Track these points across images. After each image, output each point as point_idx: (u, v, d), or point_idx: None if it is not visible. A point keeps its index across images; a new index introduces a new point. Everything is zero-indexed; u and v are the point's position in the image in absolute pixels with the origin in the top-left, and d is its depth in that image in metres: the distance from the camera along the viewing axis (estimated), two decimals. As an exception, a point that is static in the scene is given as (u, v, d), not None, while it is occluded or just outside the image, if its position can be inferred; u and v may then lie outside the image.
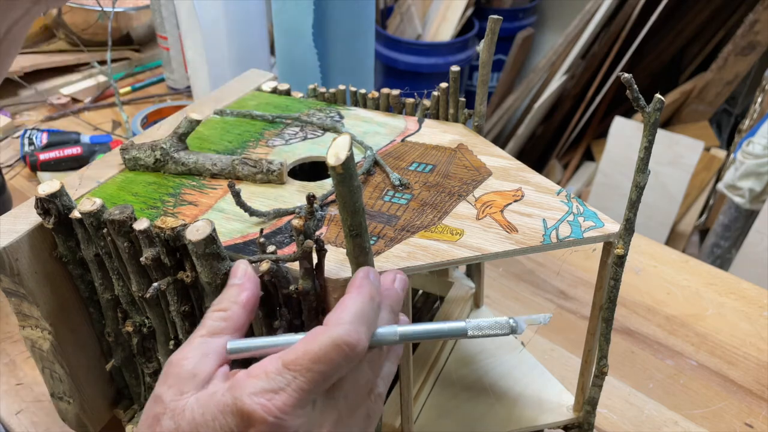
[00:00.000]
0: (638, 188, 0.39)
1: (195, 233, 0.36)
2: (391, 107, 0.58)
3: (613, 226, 0.41)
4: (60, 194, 0.41)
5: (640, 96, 0.35)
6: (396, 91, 0.57)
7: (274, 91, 0.62)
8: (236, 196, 0.41)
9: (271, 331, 0.40)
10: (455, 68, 0.52)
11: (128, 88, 1.17)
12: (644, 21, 1.77)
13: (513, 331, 0.33)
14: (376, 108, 0.58)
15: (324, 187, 0.47)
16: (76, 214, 0.41)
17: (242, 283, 0.34)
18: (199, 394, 0.30)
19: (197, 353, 0.31)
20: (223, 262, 0.37)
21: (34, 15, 0.50)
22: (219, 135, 0.54)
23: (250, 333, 0.41)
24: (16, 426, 0.57)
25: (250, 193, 0.46)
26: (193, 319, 0.42)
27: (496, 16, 0.47)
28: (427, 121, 0.55)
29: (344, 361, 0.30)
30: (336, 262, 0.38)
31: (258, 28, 0.98)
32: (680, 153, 1.64)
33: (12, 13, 0.47)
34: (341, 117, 0.56)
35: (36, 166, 0.93)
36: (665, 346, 0.68)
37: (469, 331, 0.33)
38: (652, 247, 0.82)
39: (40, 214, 0.42)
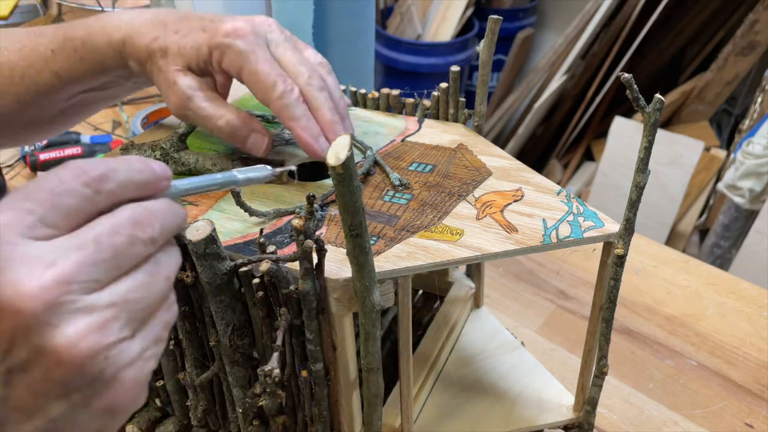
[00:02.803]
0: (638, 188, 0.39)
1: (195, 233, 0.36)
2: (391, 107, 0.58)
3: (613, 226, 0.41)
4: (60, 194, 0.41)
5: (640, 96, 0.35)
6: (396, 91, 0.57)
7: (274, 91, 0.61)
8: (236, 196, 0.41)
9: (271, 331, 0.40)
10: (455, 68, 0.52)
11: (128, 88, 1.17)
12: (644, 21, 1.77)
13: (275, 175, 0.38)
14: (376, 108, 0.58)
15: (324, 187, 0.47)
16: (76, 214, 0.41)
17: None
18: None
19: None
20: (223, 262, 0.37)
21: (109, 91, 0.52)
22: (219, 135, 0.54)
23: (249, 333, 0.41)
24: (16, 426, 0.57)
25: (250, 193, 0.46)
26: (193, 319, 0.42)
27: (496, 16, 0.47)
28: (427, 121, 0.55)
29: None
30: (336, 262, 0.38)
31: (258, 28, 0.98)
32: (680, 153, 1.64)
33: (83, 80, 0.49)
34: (341, 117, 0.56)
35: (36, 166, 0.93)
36: (665, 346, 0.68)
37: (240, 176, 0.36)
38: (652, 247, 0.82)
39: (40, 214, 0.42)
